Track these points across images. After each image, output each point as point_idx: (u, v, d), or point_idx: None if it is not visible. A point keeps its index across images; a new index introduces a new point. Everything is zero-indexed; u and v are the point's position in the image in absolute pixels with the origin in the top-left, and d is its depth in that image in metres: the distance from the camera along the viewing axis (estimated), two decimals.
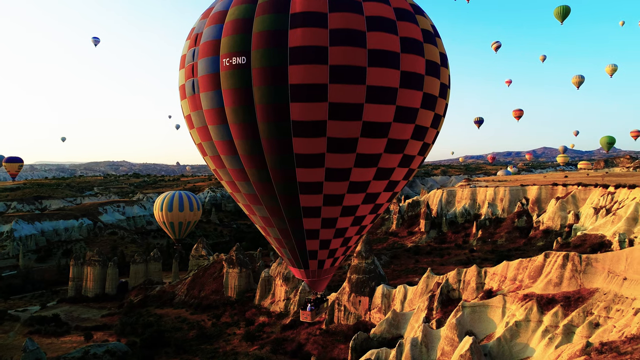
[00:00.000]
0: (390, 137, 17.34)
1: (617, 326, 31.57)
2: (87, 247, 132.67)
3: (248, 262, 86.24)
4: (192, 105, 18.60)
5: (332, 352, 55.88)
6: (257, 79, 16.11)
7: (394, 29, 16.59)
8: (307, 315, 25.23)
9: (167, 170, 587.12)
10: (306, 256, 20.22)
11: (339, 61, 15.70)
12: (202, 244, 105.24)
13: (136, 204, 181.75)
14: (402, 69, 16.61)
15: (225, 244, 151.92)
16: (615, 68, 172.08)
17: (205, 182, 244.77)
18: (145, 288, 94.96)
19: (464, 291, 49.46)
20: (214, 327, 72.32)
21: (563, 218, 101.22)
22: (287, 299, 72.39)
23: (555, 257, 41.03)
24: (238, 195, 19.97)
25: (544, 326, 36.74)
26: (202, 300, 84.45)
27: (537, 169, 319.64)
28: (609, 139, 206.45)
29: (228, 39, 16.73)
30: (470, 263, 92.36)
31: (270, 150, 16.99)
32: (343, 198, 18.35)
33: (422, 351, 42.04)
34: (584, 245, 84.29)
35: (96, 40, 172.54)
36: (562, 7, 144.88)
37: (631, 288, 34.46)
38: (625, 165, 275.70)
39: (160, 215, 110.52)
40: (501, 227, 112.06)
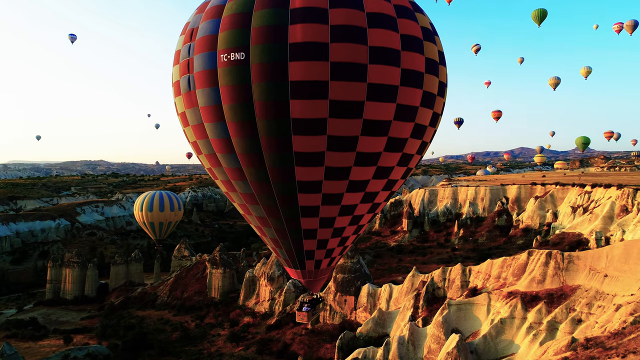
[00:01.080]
0: (390, 135, 17.19)
1: (599, 322, 32.41)
2: (65, 249, 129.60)
3: (232, 262, 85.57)
4: (188, 102, 18.08)
5: (318, 352, 55.90)
6: (256, 75, 15.77)
7: (394, 26, 16.41)
8: (304, 316, 24.89)
9: (146, 169, 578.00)
10: (303, 256, 19.94)
11: (340, 58, 15.48)
12: (184, 245, 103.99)
13: (115, 204, 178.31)
14: (403, 66, 16.46)
15: (207, 244, 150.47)
16: (590, 70, 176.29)
17: (186, 181, 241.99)
18: (126, 289, 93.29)
19: (449, 289, 50.08)
20: (198, 329, 71.57)
21: (542, 217, 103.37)
22: (272, 299, 72.10)
23: (539, 255, 41.89)
24: (234, 194, 19.57)
25: (528, 323, 37.48)
26: (185, 301, 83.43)
27: (515, 169, 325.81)
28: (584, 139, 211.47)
29: (226, 34, 16.30)
30: (452, 261, 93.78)
31: (269, 148, 16.64)
32: (342, 197, 18.12)
33: (409, 349, 42.38)
34: (562, 243, 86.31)
35: (73, 37, 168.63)
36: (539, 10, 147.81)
37: (612, 285, 35.44)
38: (600, 165, 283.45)
39: (141, 216, 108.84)
40: (482, 226, 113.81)
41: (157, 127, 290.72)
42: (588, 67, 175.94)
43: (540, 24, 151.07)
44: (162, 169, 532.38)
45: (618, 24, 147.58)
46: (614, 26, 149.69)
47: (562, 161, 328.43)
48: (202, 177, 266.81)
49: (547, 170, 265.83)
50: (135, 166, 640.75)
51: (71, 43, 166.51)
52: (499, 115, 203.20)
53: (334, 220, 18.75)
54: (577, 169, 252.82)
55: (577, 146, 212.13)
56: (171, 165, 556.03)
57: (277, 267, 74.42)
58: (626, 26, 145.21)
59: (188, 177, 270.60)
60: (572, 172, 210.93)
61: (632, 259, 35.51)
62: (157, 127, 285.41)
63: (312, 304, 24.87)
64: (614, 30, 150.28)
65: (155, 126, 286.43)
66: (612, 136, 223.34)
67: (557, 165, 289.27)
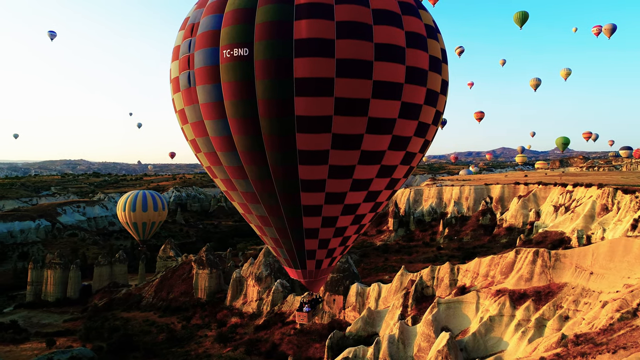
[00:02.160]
0: (394, 133, 17.04)
1: (586, 318, 33.10)
2: (46, 250, 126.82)
3: (218, 262, 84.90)
4: (187, 99, 17.66)
5: (307, 352, 55.82)
6: (260, 72, 15.47)
7: (399, 23, 16.28)
8: (304, 317, 24.61)
9: (128, 169, 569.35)
10: (304, 256, 19.73)
11: (345, 55, 15.29)
12: (170, 245, 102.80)
13: (97, 204, 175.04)
14: (408, 64, 16.35)
15: (191, 244, 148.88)
16: (570, 72, 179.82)
17: (169, 181, 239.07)
18: (110, 291, 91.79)
19: (437, 288, 50.56)
20: (185, 330, 70.77)
21: (525, 216, 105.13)
22: (260, 300, 71.77)
23: (526, 253, 42.60)
24: (233, 193, 19.25)
25: (517, 320, 38.11)
26: (171, 302, 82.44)
27: (497, 169, 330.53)
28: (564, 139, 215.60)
29: (229, 29, 15.88)
30: (438, 260, 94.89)
31: (272, 146, 16.31)
32: (345, 196, 17.94)
33: (399, 348, 42.67)
34: (545, 241, 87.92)
35: (52, 34, 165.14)
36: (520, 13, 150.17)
37: (597, 282, 36.24)
38: (579, 165, 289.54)
39: (124, 216, 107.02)
40: (467, 225, 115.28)
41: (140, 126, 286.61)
42: (568, 69, 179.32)
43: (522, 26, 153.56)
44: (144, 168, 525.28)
45: (597, 26, 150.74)
46: (593, 29, 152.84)
47: (542, 161, 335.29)
48: (185, 177, 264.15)
49: (529, 170, 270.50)
50: (116, 165, 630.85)
51: (51, 40, 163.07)
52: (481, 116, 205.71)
53: (336, 220, 18.59)
54: (558, 169, 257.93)
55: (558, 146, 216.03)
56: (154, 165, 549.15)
57: (265, 267, 74.13)
58: (605, 29, 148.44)
59: (171, 177, 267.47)
60: (553, 171, 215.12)
61: (616, 257, 36.39)
62: (139, 127, 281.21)
63: (312, 304, 24.62)
64: (593, 33, 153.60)
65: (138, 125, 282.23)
66: (591, 137, 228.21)
67: (537, 165, 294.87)
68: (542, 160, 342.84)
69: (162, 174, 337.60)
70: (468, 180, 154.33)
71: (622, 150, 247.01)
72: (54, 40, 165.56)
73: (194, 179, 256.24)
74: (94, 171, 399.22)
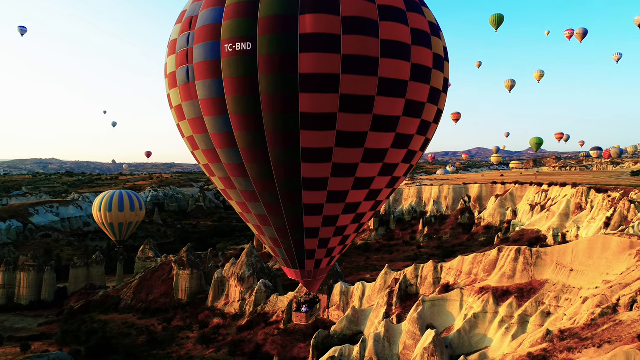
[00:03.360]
0: (397, 131, 16.93)
1: (567, 314, 34.05)
2: (17, 251, 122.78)
3: (199, 263, 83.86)
4: (185, 95, 17.11)
5: (291, 352, 55.72)
6: (263, 67, 15.10)
7: (404, 20, 16.10)
8: (302, 317, 24.31)
9: (102, 168, 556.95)
10: (303, 256, 19.57)
11: (351, 50, 15.04)
12: (149, 246, 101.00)
13: (71, 204, 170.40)
14: (413, 61, 16.21)
15: (170, 245, 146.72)
16: (543, 74, 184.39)
17: (146, 180, 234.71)
18: (87, 293, 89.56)
19: (421, 286, 51.18)
20: (166, 332, 69.68)
21: (502, 214, 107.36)
22: (242, 300, 71.23)
23: (508, 251, 43.52)
24: (232, 192, 18.87)
25: (500, 317, 38.92)
26: (151, 304, 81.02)
27: (473, 168, 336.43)
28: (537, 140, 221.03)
29: (230, 22, 15.46)
30: (419, 259, 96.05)
31: (275, 143, 15.97)
32: (347, 195, 17.76)
33: (385, 346, 43.02)
34: (522, 239, 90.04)
35: (23, 29, 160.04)
36: (496, 16, 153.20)
37: (577, 278, 37.33)
38: (552, 165, 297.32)
39: (100, 216, 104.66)
40: (446, 224, 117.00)
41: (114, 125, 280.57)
42: (541, 71, 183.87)
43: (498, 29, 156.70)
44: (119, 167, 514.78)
45: (569, 30, 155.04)
46: (565, 32, 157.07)
47: (517, 161, 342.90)
48: (162, 177, 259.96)
49: (503, 169, 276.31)
50: (90, 165, 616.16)
51: (21, 36, 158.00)
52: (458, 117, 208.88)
53: (337, 219, 18.47)
54: (532, 169, 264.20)
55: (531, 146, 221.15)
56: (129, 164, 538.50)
57: (248, 267, 73.63)
58: (576, 34, 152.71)
59: (148, 176, 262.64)
60: (528, 171, 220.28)
61: (595, 254, 37.57)
62: (114, 126, 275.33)
63: (310, 304, 24.38)
64: (565, 36, 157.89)
65: (112, 124, 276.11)
66: (562, 137, 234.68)
67: (512, 165, 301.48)
68: (517, 160, 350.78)
69: (138, 174, 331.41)
70: (446, 179, 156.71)
71: (592, 151, 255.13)
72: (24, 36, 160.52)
73: (171, 178, 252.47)
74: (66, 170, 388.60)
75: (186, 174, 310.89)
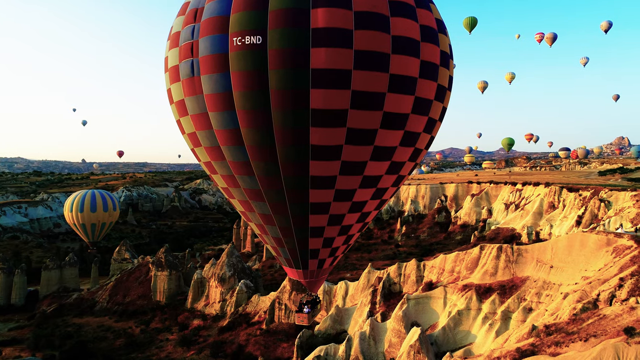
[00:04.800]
0: (406, 129, 16.76)
1: (548, 310, 35.06)
2: None
3: (177, 264, 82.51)
4: (189, 89, 16.49)
5: (274, 352, 55.44)
6: (274, 62, 14.63)
7: (414, 16, 15.95)
8: (304, 318, 23.87)
9: (71, 167, 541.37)
10: (307, 255, 19.28)
11: (363, 46, 14.74)
12: (125, 247, 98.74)
13: (40, 204, 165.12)
14: (422, 58, 16.08)
15: (145, 245, 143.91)
16: (514, 76, 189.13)
17: (119, 180, 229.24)
18: (60, 296, 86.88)
19: (404, 284, 51.75)
20: (144, 334, 68.26)
21: (478, 213, 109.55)
22: (223, 301, 70.48)
23: (490, 249, 44.46)
24: (235, 190, 18.34)
25: (484, 313, 39.76)
26: (128, 306, 79.23)
27: (447, 168, 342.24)
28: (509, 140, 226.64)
29: (239, 15, 14.94)
30: (397, 257, 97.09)
31: (284, 140, 15.54)
32: (354, 193, 17.50)
33: (370, 344, 43.31)
34: (497, 238, 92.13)
35: None
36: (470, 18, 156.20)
37: (557, 275, 38.47)
38: (523, 164, 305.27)
39: (71, 217, 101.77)
40: (423, 223, 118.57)
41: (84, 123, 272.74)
42: (512, 73, 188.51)
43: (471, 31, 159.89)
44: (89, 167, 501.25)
45: (539, 34, 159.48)
46: (535, 36, 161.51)
47: (489, 161, 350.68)
48: (136, 176, 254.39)
49: (477, 169, 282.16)
50: (58, 164, 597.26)
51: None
52: None
53: (343, 218, 18.24)
54: (504, 169, 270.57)
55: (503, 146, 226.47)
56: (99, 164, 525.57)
57: (228, 267, 72.88)
58: (546, 38, 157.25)
59: (121, 176, 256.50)
60: (500, 171, 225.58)
61: (574, 251, 38.79)
62: (84, 124, 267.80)
63: (312, 305, 24.08)
64: (535, 39, 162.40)
65: (82, 123, 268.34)
66: (532, 138, 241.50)
67: (485, 165, 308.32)
68: (489, 160, 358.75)
69: (110, 173, 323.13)
70: (422, 179, 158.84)
71: (561, 151, 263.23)
72: None
73: (145, 178, 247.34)
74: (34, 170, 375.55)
75: (160, 174, 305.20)
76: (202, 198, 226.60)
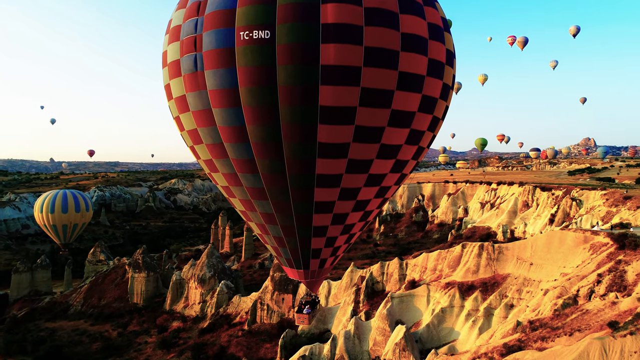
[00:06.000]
0: (412, 127, 16.72)
1: (530, 306, 36.04)
2: None
3: (155, 265, 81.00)
4: (192, 85, 15.98)
5: (257, 353, 55.13)
6: (282, 57, 14.31)
7: (422, 13, 15.80)
8: (305, 319, 23.64)
9: (38, 167, 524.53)
10: (308, 255, 19.09)
11: (373, 43, 14.57)
12: (100, 248, 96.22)
13: (8, 205, 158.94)
14: (430, 56, 16.06)
15: (119, 246, 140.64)
16: (486, 77, 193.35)
17: (90, 180, 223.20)
18: (32, 300, 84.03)
19: (387, 283, 52.26)
20: (122, 337, 66.73)
21: (454, 212, 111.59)
22: (203, 302, 69.61)
23: (472, 247, 45.37)
24: (237, 189, 17.93)
25: (467, 310, 40.55)
26: (104, 309, 77.28)
27: (422, 168, 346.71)
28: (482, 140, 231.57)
29: (247, 9, 14.55)
30: (376, 257, 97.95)
31: (291, 137, 15.23)
32: (359, 192, 17.35)
33: (355, 343, 43.57)
34: (474, 236, 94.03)
35: None
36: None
37: (537, 272, 39.58)
38: (496, 164, 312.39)
39: (41, 218, 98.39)
40: (401, 222, 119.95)
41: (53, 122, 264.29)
42: (485, 75, 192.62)
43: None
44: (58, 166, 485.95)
45: (511, 36, 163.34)
46: (507, 38, 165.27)
47: (462, 161, 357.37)
48: (108, 175, 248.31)
49: (451, 169, 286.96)
50: (25, 163, 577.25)
51: None
52: None
53: (347, 217, 18.09)
54: (477, 168, 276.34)
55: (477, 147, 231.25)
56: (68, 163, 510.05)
57: (208, 268, 72.01)
58: (518, 42, 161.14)
59: (92, 175, 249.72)
60: (474, 170, 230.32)
61: (553, 248, 39.98)
62: (52, 123, 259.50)
63: (311, 305, 23.90)
64: (507, 42, 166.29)
65: (51, 121, 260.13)
66: (504, 139, 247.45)
67: (459, 164, 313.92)
68: (463, 160, 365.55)
69: (80, 173, 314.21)
70: None
71: (531, 152, 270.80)
72: None
73: (117, 177, 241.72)
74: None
75: (133, 173, 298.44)
76: (177, 198, 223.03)
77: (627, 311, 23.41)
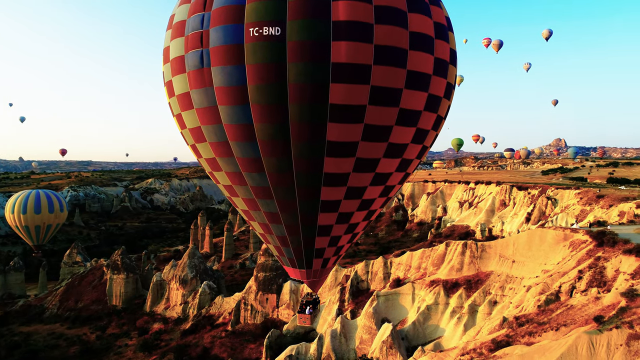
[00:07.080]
0: (418, 126, 16.76)
1: (513, 302, 36.97)
2: None
3: (135, 266, 79.54)
4: (197, 81, 15.63)
5: (242, 353, 54.82)
6: (293, 54, 14.14)
7: (428, 12, 15.92)
8: (307, 319, 23.45)
9: (7, 166, 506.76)
10: (312, 255, 19.01)
11: (383, 41, 14.54)
12: (76, 249, 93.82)
13: None
14: (435, 55, 16.11)
15: (95, 248, 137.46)
16: (462, 79, 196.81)
17: (63, 179, 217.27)
18: (5, 303, 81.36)
19: (372, 282, 52.72)
20: (100, 340, 65.29)
21: (433, 211, 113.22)
22: (185, 303, 68.75)
23: (455, 245, 46.20)
24: (240, 188, 17.65)
25: (451, 308, 41.30)
26: (81, 311, 75.48)
27: None
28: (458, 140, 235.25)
29: (256, 5, 14.33)
30: (357, 256, 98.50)
31: (299, 136, 15.08)
32: (365, 191, 17.32)
33: (342, 342, 43.86)
34: (453, 235, 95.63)
35: None
36: None
37: (519, 269, 40.60)
38: (471, 164, 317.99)
39: (13, 219, 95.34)
40: (381, 221, 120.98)
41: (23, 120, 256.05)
42: (461, 76, 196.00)
43: None
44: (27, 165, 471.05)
45: (487, 39, 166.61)
46: (483, 40, 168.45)
47: (439, 161, 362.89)
48: (82, 175, 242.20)
49: (428, 169, 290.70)
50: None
51: None
52: None
53: (351, 216, 18.07)
54: (454, 168, 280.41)
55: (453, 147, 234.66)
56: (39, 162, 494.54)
57: (190, 269, 71.14)
58: (493, 45, 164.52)
59: (65, 175, 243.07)
60: (451, 170, 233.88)
61: (534, 246, 41.08)
62: (22, 121, 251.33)
63: (313, 305, 23.76)
64: (483, 44, 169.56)
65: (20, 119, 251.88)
66: (479, 139, 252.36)
67: (435, 164, 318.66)
68: (439, 160, 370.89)
69: (52, 172, 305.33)
70: None
71: (506, 152, 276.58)
72: None
73: (92, 177, 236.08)
74: None
75: (108, 172, 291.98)
76: (154, 198, 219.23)
77: (610, 306, 24.27)
